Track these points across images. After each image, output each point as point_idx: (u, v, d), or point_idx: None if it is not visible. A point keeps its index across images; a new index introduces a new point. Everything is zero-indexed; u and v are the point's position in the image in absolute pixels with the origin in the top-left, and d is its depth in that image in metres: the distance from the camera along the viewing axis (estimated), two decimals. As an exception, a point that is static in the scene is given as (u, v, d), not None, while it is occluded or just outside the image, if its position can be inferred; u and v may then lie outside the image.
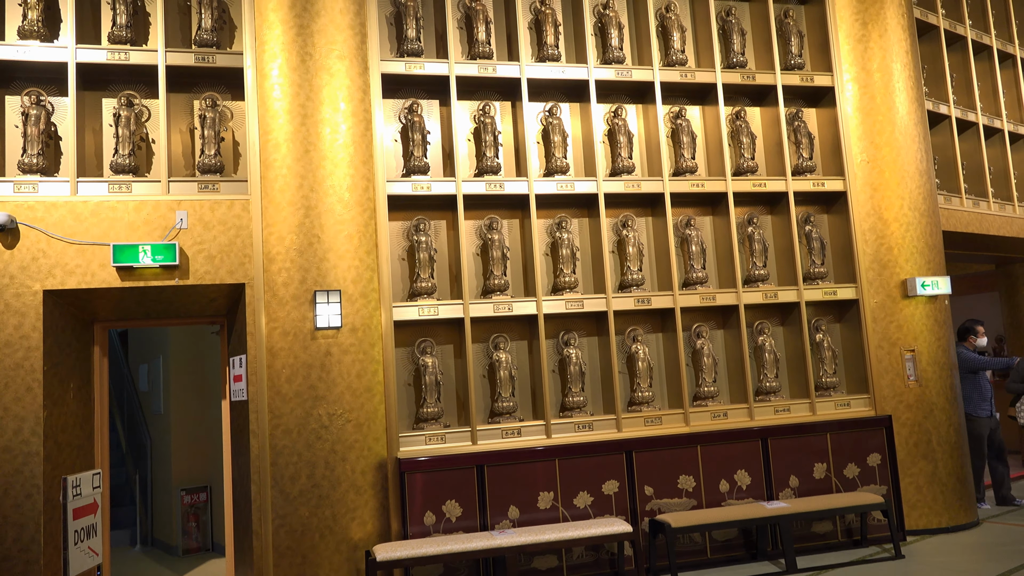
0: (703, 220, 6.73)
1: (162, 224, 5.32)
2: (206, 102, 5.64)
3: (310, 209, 5.40)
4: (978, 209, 8.03)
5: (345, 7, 5.66)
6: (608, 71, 6.38)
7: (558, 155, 6.23)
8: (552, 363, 6.16)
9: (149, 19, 5.72)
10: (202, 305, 5.78)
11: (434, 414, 5.72)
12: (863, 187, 6.81)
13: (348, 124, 5.57)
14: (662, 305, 6.26)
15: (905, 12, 7.13)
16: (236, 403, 5.65)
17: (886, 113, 6.86)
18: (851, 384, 6.77)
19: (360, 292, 5.46)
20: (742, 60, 6.80)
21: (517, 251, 6.24)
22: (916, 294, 6.62)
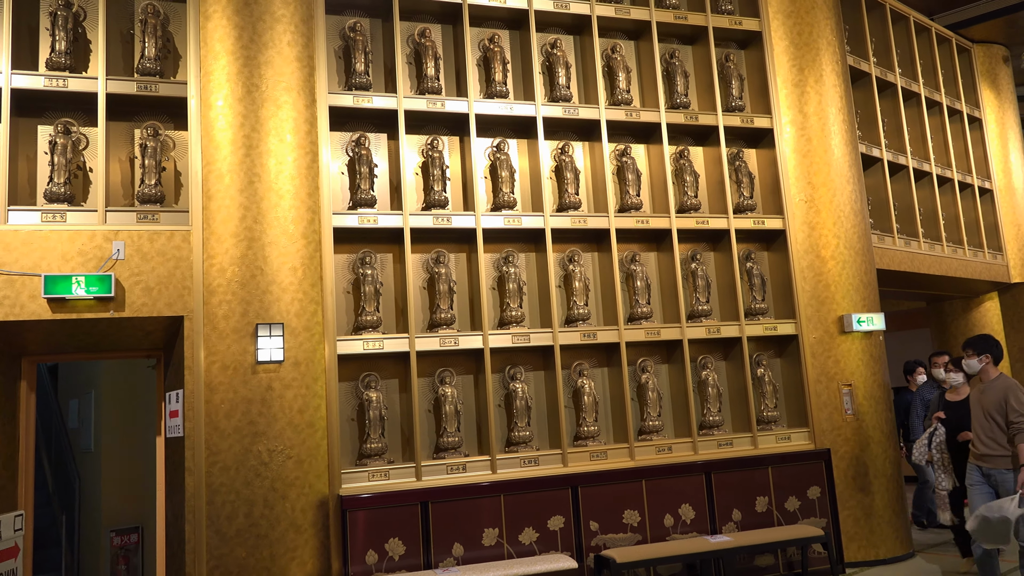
0: (648, 256, 6.83)
1: (98, 255, 5.17)
2: (147, 131, 5.53)
3: (253, 241, 5.32)
4: (909, 248, 8.33)
5: (293, 40, 5.64)
6: (555, 109, 6.47)
7: (505, 190, 6.27)
8: (498, 397, 6.14)
9: (90, 46, 5.61)
10: (138, 338, 5.60)
11: (378, 450, 5.63)
12: (801, 226, 7.01)
13: (294, 156, 5.52)
14: (608, 340, 6.30)
15: (839, 59, 7.43)
16: (171, 439, 5.46)
17: (822, 155, 7.10)
18: (791, 418, 6.89)
19: (304, 325, 5.37)
20: (685, 101, 6.98)
21: (464, 285, 6.23)
22: (852, 330, 6.81)
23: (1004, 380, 5.41)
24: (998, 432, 5.32)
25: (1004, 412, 5.27)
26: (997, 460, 5.33)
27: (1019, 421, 5.18)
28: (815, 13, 7.32)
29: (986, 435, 5.40)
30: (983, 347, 5.49)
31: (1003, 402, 5.29)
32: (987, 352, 5.46)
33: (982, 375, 5.51)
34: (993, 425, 5.34)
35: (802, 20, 7.28)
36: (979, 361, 5.47)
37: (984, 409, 5.42)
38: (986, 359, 5.45)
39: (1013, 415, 5.22)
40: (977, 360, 5.47)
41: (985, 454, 5.41)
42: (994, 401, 5.34)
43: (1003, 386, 5.35)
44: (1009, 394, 5.28)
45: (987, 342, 5.52)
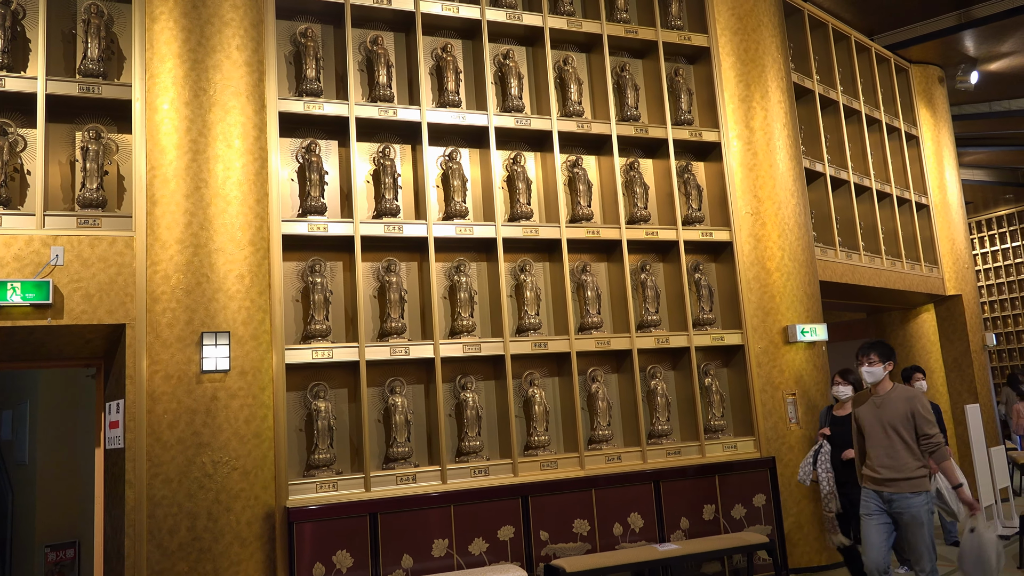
0: (599, 266, 6.89)
1: (35, 260, 5.00)
2: (89, 134, 5.38)
3: (199, 247, 5.21)
4: (851, 261, 8.57)
5: (242, 44, 5.56)
6: (508, 119, 6.50)
7: (457, 199, 6.27)
8: (449, 407, 6.11)
9: (30, 45, 5.45)
10: (77, 347, 5.43)
11: (326, 460, 5.55)
12: (747, 238, 7.15)
13: (243, 162, 5.43)
14: (558, 349, 6.33)
15: (784, 76, 7.62)
16: (111, 451, 5.30)
17: (767, 169, 7.27)
18: (738, 426, 7.01)
19: (251, 334, 5.28)
20: (636, 114, 7.08)
21: (415, 294, 6.20)
22: (796, 340, 6.96)
23: (905, 390, 4.82)
24: (902, 451, 4.65)
25: (911, 426, 4.65)
26: (902, 484, 4.63)
27: (934, 434, 4.60)
28: (761, 31, 7.51)
29: (887, 455, 4.70)
30: (888, 353, 4.86)
31: (910, 414, 4.66)
32: (891, 359, 4.85)
33: (879, 386, 4.85)
34: (896, 442, 4.67)
35: (748, 37, 7.46)
36: (884, 368, 4.80)
37: (885, 424, 4.71)
38: (889, 366, 4.83)
39: (927, 427, 4.61)
40: (882, 367, 4.80)
41: (888, 478, 4.68)
42: (898, 414, 4.69)
43: (907, 396, 4.74)
44: (916, 404, 4.67)
45: (891, 349, 4.92)
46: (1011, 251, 17.58)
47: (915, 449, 4.67)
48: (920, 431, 4.65)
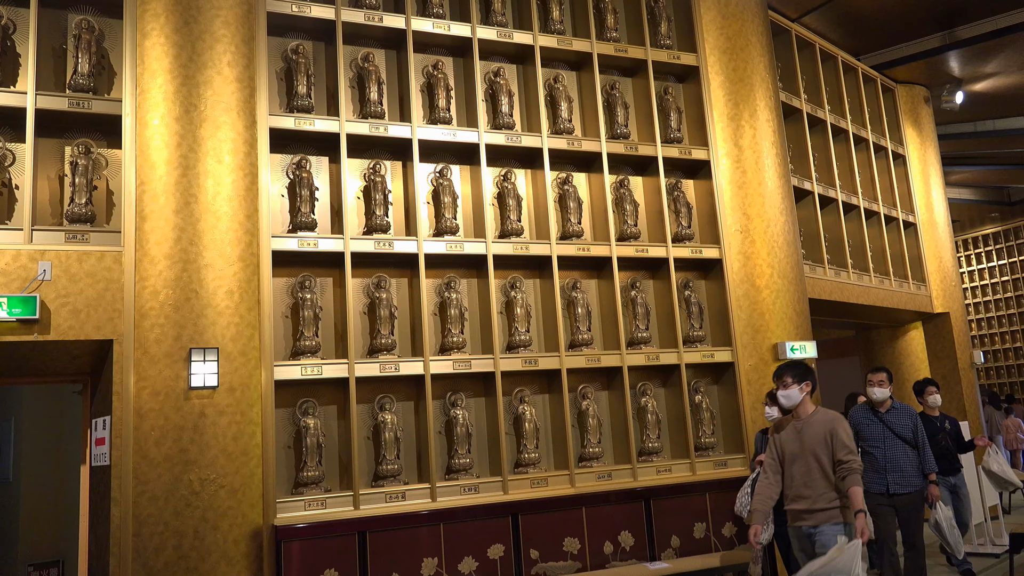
0: (589, 283, 6.90)
1: (22, 275, 4.96)
2: (79, 148, 5.37)
3: (188, 263, 5.19)
4: (839, 279, 8.61)
5: (234, 60, 5.57)
6: (498, 136, 6.52)
7: (448, 216, 6.27)
8: (439, 424, 6.08)
9: (20, 60, 5.44)
10: (64, 362, 5.38)
11: (315, 478, 5.50)
12: (737, 255, 7.18)
13: (233, 177, 5.42)
14: (549, 366, 6.32)
15: (772, 95, 7.69)
16: (97, 468, 5.24)
17: (756, 187, 7.32)
18: (728, 444, 7.00)
19: (240, 350, 5.24)
20: (625, 132, 7.12)
21: (405, 310, 6.18)
22: (786, 357, 6.97)
23: (827, 412, 4.51)
24: (819, 479, 4.34)
25: (831, 451, 4.33)
26: (819, 515, 4.31)
27: (851, 460, 4.28)
28: (749, 51, 7.58)
29: (804, 483, 4.39)
30: (803, 373, 4.53)
31: (829, 438, 4.35)
32: (808, 379, 4.53)
33: (799, 409, 4.52)
34: (816, 469, 4.35)
35: (737, 57, 7.53)
36: (800, 390, 4.49)
37: (806, 450, 4.40)
38: (807, 387, 4.51)
39: (843, 452, 4.28)
40: (798, 389, 4.49)
41: (804, 509, 4.37)
42: (819, 438, 4.37)
43: (828, 419, 4.43)
44: (837, 427, 4.36)
45: (808, 369, 4.60)
46: (997, 269, 17.73)
47: (832, 476, 4.37)
48: (836, 456, 4.31)
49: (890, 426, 5.78)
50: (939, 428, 6.78)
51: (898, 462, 5.70)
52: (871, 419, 5.89)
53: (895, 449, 5.73)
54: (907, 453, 5.72)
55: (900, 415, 5.84)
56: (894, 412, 5.86)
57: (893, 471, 5.69)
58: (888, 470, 5.70)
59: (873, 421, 5.88)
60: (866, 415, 5.94)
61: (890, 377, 5.93)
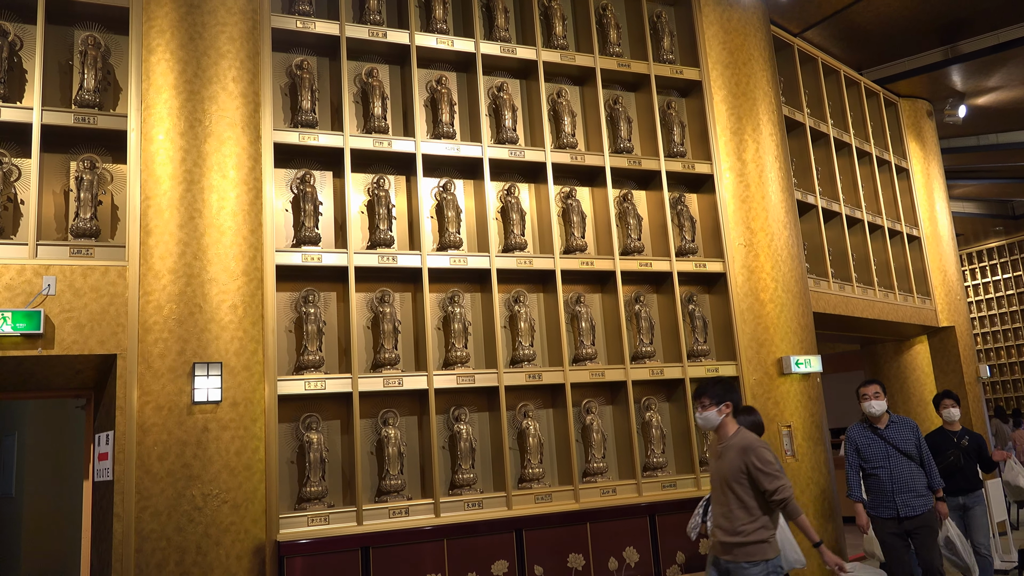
0: (592, 297, 6.89)
1: (27, 290, 4.97)
2: (84, 164, 5.39)
3: (192, 277, 5.19)
4: (843, 292, 8.59)
5: (238, 76, 5.60)
6: (502, 150, 6.54)
7: (451, 230, 6.28)
8: (442, 439, 6.06)
9: (26, 76, 5.47)
10: (67, 377, 5.38)
11: (318, 493, 5.48)
12: (740, 269, 7.17)
13: (237, 192, 5.44)
14: (553, 381, 6.30)
15: (775, 110, 7.71)
16: (100, 483, 5.23)
17: (760, 201, 7.32)
18: (733, 459, 6.95)
19: (243, 365, 5.24)
20: (629, 146, 7.13)
21: (409, 325, 6.17)
22: (791, 372, 6.95)
23: (743, 438, 4.04)
24: (736, 510, 3.95)
25: (746, 480, 3.93)
26: (737, 551, 3.91)
27: (779, 488, 3.86)
28: (752, 65, 7.60)
29: (723, 515, 4.02)
30: (722, 393, 4.14)
31: (743, 467, 3.94)
32: (728, 400, 4.13)
33: (719, 432, 4.17)
34: (732, 499, 3.97)
35: (740, 71, 7.55)
36: (718, 412, 4.10)
37: (721, 477, 4.04)
38: (726, 409, 4.12)
39: (767, 482, 3.87)
40: (716, 411, 4.10)
41: (724, 542, 3.98)
42: (734, 465, 3.98)
43: (743, 445, 3.99)
44: (750, 455, 3.93)
45: (726, 388, 4.19)
46: (1002, 283, 17.69)
47: (752, 507, 3.93)
48: (760, 486, 3.90)
49: (892, 442, 5.39)
50: (954, 444, 6.22)
51: (906, 481, 5.32)
52: (871, 437, 5.49)
53: (901, 467, 5.36)
54: (914, 470, 5.36)
55: (901, 429, 5.46)
56: (894, 426, 5.47)
57: (902, 492, 5.30)
58: (896, 491, 5.31)
59: (873, 439, 5.47)
60: (864, 433, 5.54)
61: (884, 389, 5.60)
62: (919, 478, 5.35)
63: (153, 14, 5.47)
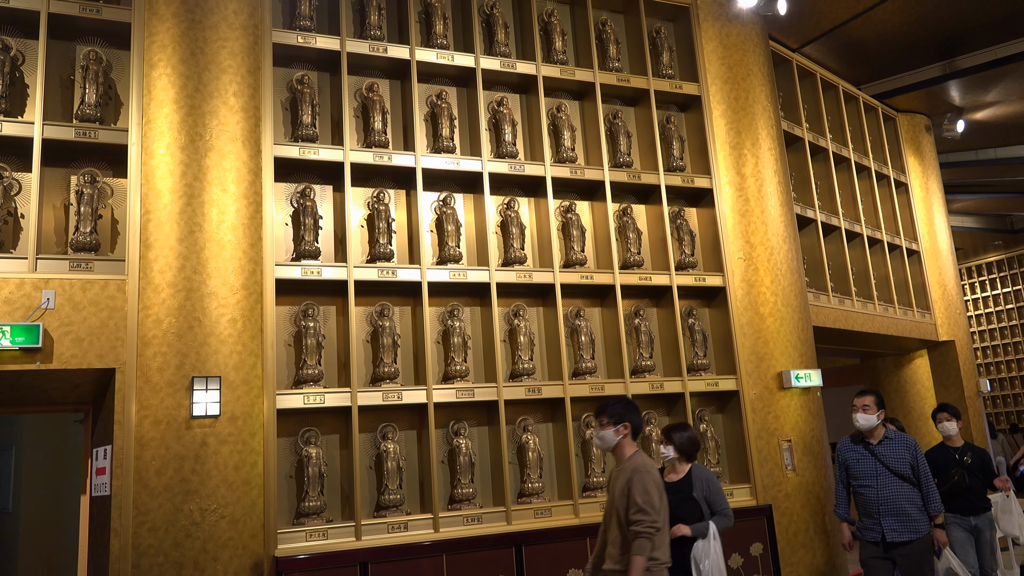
0: (592, 311, 6.88)
1: (26, 304, 4.97)
2: (85, 178, 5.40)
3: (192, 291, 5.19)
4: (843, 307, 8.59)
5: (239, 90, 5.62)
6: (502, 165, 6.55)
7: (451, 244, 6.28)
8: (442, 453, 6.03)
9: (28, 91, 5.49)
10: (66, 391, 5.37)
11: (316, 508, 5.45)
12: (740, 283, 7.17)
13: (237, 206, 5.45)
14: (552, 395, 6.28)
15: (774, 124, 7.74)
16: (97, 498, 5.20)
17: (759, 215, 7.33)
18: (734, 474, 6.94)
19: (242, 379, 5.23)
20: (628, 160, 7.15)
21: (408, 339, 6.17)
22: (791, 386, 6.93)
23: (636, 460, 3.85)
24: (619, 541, 3.77)
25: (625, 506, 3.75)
26: None
27: (639, 520, 3.64)
28: (751, 80, 7.64)
29: (611, 543, 3.83)
30: (621, 412, 3.94)
31: (627, 490, 3.75)
32: (627, 420, 3.92)
33: (616, 454, 3.94)
34: (617, 526, 3.78)
35: (739, 86, 7.58)
36: (615, 433, 3.90)
37: (612, 503, 3.86)
38: (624, 430, 3.91)
39: (632, 510, 3.66)
40: (613, 431, 3.90)
41: (610, 569, 3.80)
42: (621, 489, 3.80)
43: (631, 467, 3.81)
44: (634, 478, 3.73)
45: (627, 407, 3.98)
46: (1002, 297, 17.69)
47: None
48: (628, 514, 3.69)
49: (883, 460, 4.95)
50: (956, 461, 5.85)
51: (894, 503, 4.84)
52: (861, 453, 5.09)
53: (890, 487, 4.89)
54: (906, 492, 4.87)
55: (895, 446, 5.00)
56: (887, 443, 5.02)
57: (889, 514, 4.85)
58: (883, 513, 4.87)
59: (863, 455, 5.07)
60: (854, 448, 5.16)
61: (879, 402, 5.09)
62: (912, 501, 4.87)
63: (155, 29, 5.50)
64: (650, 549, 3.62)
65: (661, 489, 3.78)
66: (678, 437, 4.72)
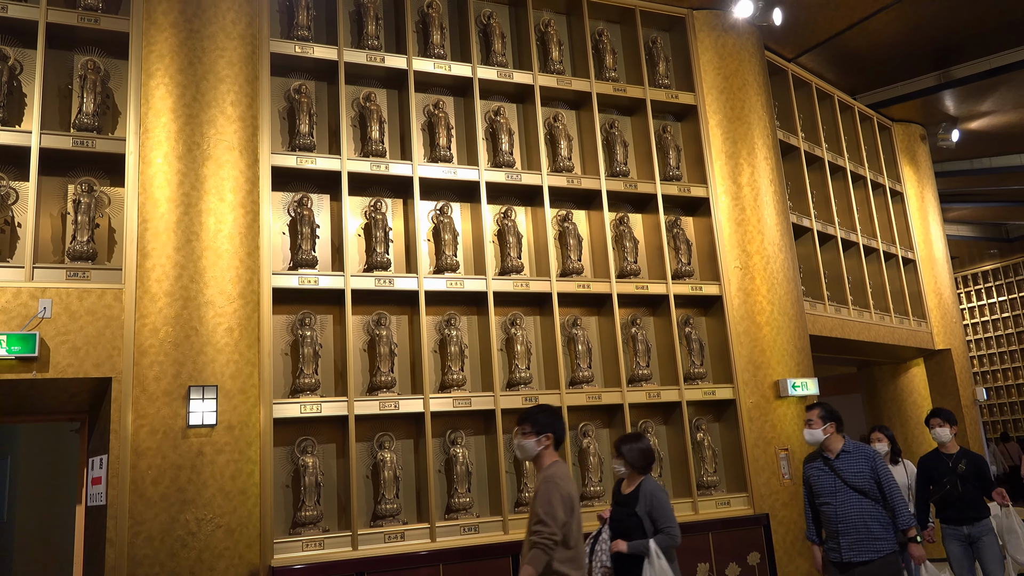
0: (589, 320, 6.89)
1: (23, 312, 4.96)
2: (82, 187, 5.40)
3: (189, 300, 5.19)
4: (840, 315, 8.60)
5: (237, 100, 5.63)
6: (498, 174, 6.57)
7: (448, 253, 6.29)
8: (438, 463, 6.02)
9: (25, 100, 5.50)
10: (62, 400, 5.36)
11: (313, 518, 5.43)
12: (737, 292, 7.18)
13: (235, 215, 5.45)
14: (550, 404, 6.27)
15: (770, 134, 7.77)
16: (93, 508, 5.19)
17: (756, 224, 7.35)
18: (731, 482, 6.93)
19: (239, 388, 5.22)
20: (625, 169, 7.17)
21: (405, 347, 6.17)
22: (788, 394, 6.94)
23: (549, 470, 3.70)
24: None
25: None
26: None
27: (539, 530, 3.50)
28: (746, 90, 7.67)
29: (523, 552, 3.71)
30: (545, 423, 3.77)
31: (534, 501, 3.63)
32: (550, 431, 3.75)
33: (537, 462, 3.77)
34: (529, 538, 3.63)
35: (734, 96, 7.61)
36: (537, 443, 3.73)
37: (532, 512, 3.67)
38: (547, 440, 3.74)
39: (533, 521, 3.55)
40: (535, 440, 3.73)
41: None
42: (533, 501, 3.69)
43: (541, 478, 3.68)
44: (541, 488, 3.60)
45: (551, 417, 3.82)
46: (998, 305, 17.73)
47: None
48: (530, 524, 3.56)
49: (840, 474, 4.57)
50: (949, 469, 5.62)
51: (853, 520, 4.47)
52: (820, 468, 4.72)
53: (848, 503, 4.51)
54: (866, 508, 4.48)
55: (853, 460, 4.60)
56: (844, 457, 4.62)
57: (848, 532, 4.48)
58: (842, 531, 4.50)
59: (822, 470, 4.69)
60: (815, 464, 4.78)
61: (826, 415, 4.67)
62: (874, 517, 4.47)
63: (153, 39, 5.51)
64: (545, 562, 3.48)
65: (569, 501, 3.62)
66: (627, 449, 4.42)
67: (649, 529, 4.25)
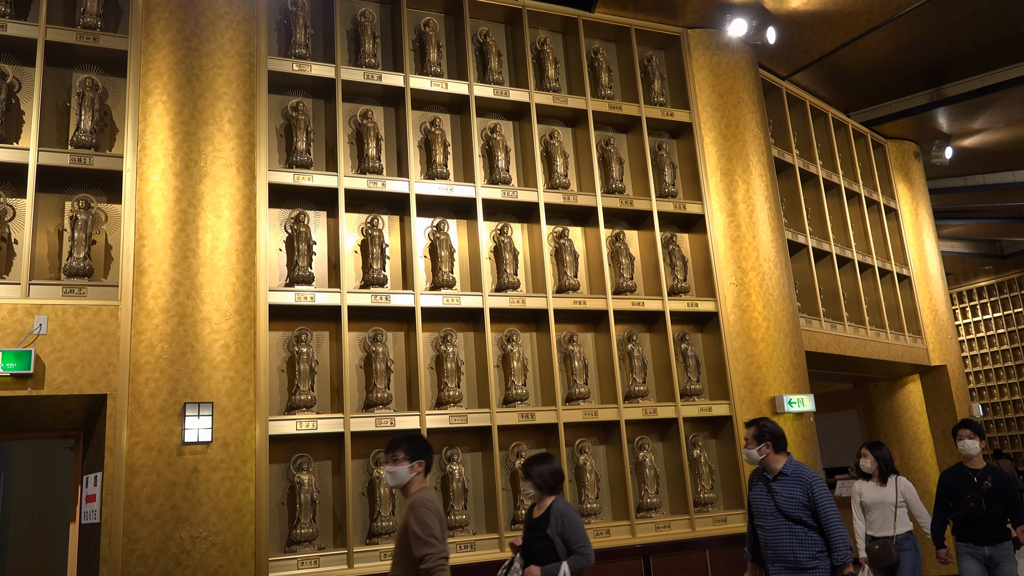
0: (585, 336, 6.89)
1: (18, 329, 4.95)
2: (79, 203, 5.41)
3: (185, 317, 5.18)
4: (835, 331, 8.62)
5: (234, 117, 5.66)
6: (495, 191, 6.59)
7: (445, 269, 6.30)
8: (435, 480, 6.01)
9: (23, 117, 5.52)
10: (56, 417, 5.33)
11: (308, 535, 5.41)
12: (733, 308, 7.20)
13: (231, 232, 5.46)
14: (546, 420, 6.27)
15: (764, 151, 7.82)
16: (87, 526, 5.15)
17: (751, 240, 7.38)
18: (728, 499, 6.91)
19: (234, 405, 5.21)
20: (621, 186, 7.20)
21: (401, 364, 6.16)
22: (784, 411, 6.94)
23: (418, 495, 3.65)
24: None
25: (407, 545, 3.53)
26: None
27: (428, 553, 3.42)
28: (741, 107, 7.73)
29: None
30: (418, 450, 3.76)
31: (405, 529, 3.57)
32: (422, 458, 3.75)
33: (406, 490, 3.73)
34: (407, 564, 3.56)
35: (729, 113, 7.67)
36: (410, 469, 3.70)
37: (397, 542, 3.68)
38: (419, 467, 3.73)
39: (418, 546, 3.46)
40: (408, 467, 3.70)
41: None
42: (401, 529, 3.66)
43: (409, 504, 3.63)
44: (411, 515, 3.55)
45: (424, 446, 3.80)
46: (993, 322, 17.77)
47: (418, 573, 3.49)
48: (413, 549, 3.48)
49: (774, 497, 4.27)
50: (974, 485, 5.24)
51: (780, 548, 4.19)
52: (760, 488, 4.40)
53: (778, 531, 4.22)
54: (797, 536, 4.16)
55: (788, 484, 4.26)
56: (782, 479, 4.30)
57: (775, 560, 4.22)
58: (770, 559, 4.25)
59: (761, 491, 4.38)
60: (757, 484, 4.45)
61: (760, 434, 4.37)
62: (805, 547, 4.15)
63: (151, 57, 5.54)
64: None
65: (443, 520, 3.61)
66: (535, 471, 4.22)
67: (562, 551, 4.05)
